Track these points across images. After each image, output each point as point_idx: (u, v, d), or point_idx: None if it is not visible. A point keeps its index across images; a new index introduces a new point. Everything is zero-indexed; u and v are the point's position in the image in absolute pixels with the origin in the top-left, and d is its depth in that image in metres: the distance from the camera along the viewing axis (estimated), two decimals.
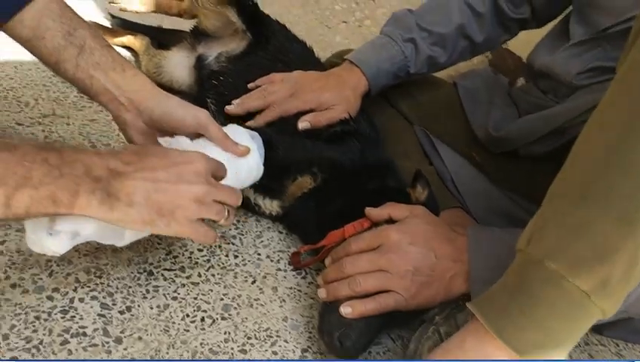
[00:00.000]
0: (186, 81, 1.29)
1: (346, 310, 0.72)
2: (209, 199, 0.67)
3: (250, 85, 1.03)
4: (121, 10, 1.39)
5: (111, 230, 0.68)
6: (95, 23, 1.41)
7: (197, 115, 0.79)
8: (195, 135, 0.80)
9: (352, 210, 0.85)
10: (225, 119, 1.00)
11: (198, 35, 1.32)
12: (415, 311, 0.74)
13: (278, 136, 0.93)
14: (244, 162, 0.82)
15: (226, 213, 0.70)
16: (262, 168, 0.85)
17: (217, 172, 0.72)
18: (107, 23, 1.46)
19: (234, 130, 0.85)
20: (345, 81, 1.03)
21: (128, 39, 1.42)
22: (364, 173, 0.93)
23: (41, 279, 0.75)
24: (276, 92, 0.98)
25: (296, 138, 0.95)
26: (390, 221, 0.81)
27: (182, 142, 0.76)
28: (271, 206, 0.96)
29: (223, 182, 0.76)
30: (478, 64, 1.59)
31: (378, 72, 1.06)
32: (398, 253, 0.74)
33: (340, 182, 0.91)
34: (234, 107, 0.99)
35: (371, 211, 0.82)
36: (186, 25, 1.38)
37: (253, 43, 1.22)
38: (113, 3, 1.35)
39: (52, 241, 0.64)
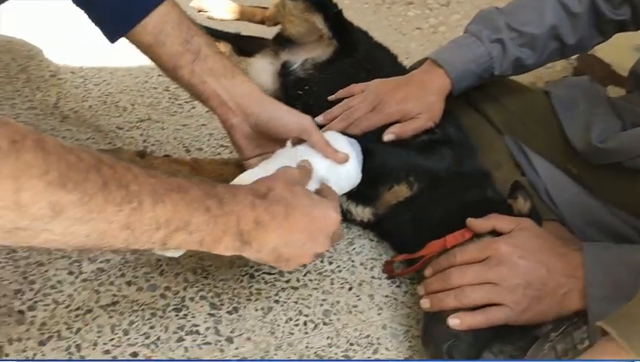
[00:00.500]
0: (270, 87, 1.31)
1: (454, 322, 0.71)
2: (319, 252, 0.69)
3: (330, 98, 1.03)
4: (208, 18, 1.43)
5: None
6: None
7: (301, 122, 0.81)
8: (297, 140, 0.82)
9: (450, 221, 0.84)
10: None
11: (282, 42, 1.34)
12: (525, 326, 0.73)
13: (373, 145, 0.94)
14: (344, 169, 0.83)
15: None
16: (360, 175, 0.86)
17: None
18: None
19: (334, 137, 0.86)
20: (428, 85, 1.02)
21: None
22: (461, 182, 0.92)
23: (153, 277, 0.78)
24: (358, 109, 0.98)
25: (390, 146, 0.95)
26: (494, 233, 0.80)
27: (301, 151, 0.78)
28: (362, 213, 0.96)
29: None
30: (562, 70, 1.54)
31: (463, 74, 1.04)
32: (508, 266, 0.72)
33: (436, 192, 0.90)
34: (320, 120, 1.00)
35: (474, 222, 0.81)
36: (264, 32, 1.40)
37: (340, 50, 1.24)
38: (202, 12, 1.39)
39: None
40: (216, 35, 1.50)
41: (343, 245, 0.95)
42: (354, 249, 0.95)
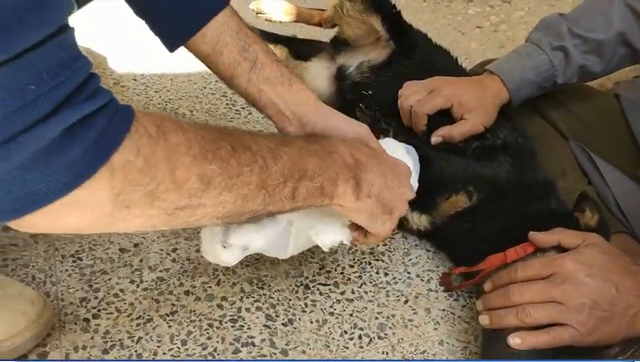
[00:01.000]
0: (327, 91, 1.30)
1: (515, 341, 0.69)
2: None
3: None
4: (266, 20, 1.44)
5: (276, 243, 0.70)
6: None
7: (358, 131, 0.80)
8: None
9: (511, 234, 0.81)
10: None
11: (338, 46, 1.33)
12: (591, 347, 0.69)
13: (433, 151, 0.92)
14: None
15: None
16: (416, 184, 0.84)
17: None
18: None
19: (391, 145, 0.84)
20: (486, 87, 0.99)
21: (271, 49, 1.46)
22: (523, 193, 0.89)
23: (210, 287, 0.79)
24: (415, 93, 0.97)
25: (448, 154, 0.93)
26: (559, 248, 0.76)
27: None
28: (419, 221, 0.95)
29: None
30: (633, 70, 1.46)
31: (522, 83, 1.00)
32: (575, 285, 0.69)
33: (497, 203, 0.87)
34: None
35: (537, 236, 0.78)
36: (319, 36, 1.40)
37: (397, 52, 1.22)
38: (260, 14, 1.40)
39: (226, 253, 0.67)
40: (273, 38, 1.51)
41: (399, 255, 0.94)
42: (410, 260, 0.93)
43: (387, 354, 0.76)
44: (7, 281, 0.72)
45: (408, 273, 0.91)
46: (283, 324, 0.76)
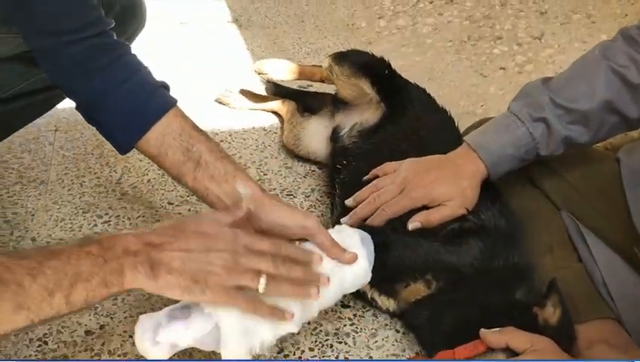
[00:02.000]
0: (322, 152, 1.31)
1: None
2: (240, 266, 0.67)
3: (364, 178, 1.00)
4: (268, 81, 1.47)
5: (208, 339, 0.71)
6: (247, 91, 1.51)
7: (304, 224, 0.80)
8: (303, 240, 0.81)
9: (468, 326, 0.77)
10: (344, 209, 0.99)
11: (338, 103, 1.33)
12: None
13: (391, 235, 0.89)
14: (350, 269, 0.80)
15: (262, 280, 0.68)
16: (369, 275, 0.82)
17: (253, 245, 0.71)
18: (258, 89, 1.55)
19: (344, 233, 0.83)
20: (460, 170, 0.94)
21: (277, 105, 1.49)
22: (488, 281, 0.84)
23: None
24: (386, 192, 0.94)
25: (410, 238, 0.90)
26: (508, 350, 0.72)
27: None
28: (387, 303, 0.92)
29: (326, 289, 0.75)
30: None
31: (500, 159, 0.95)
32: None
33: (457, 292, 0.83)
34: (350, 203, 0.98)
35: (488, 335, 0.74)
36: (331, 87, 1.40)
37: (387, 115, 1.20)
38: (261, 74, 1.43)
39: (155, 350, 0.70)
40: (281, 92, 1.54)
41: (365, 336, 0.92)
42: (375, 342, 0.91)
43: None
44: None
45: (371, 356, 0.88)
46: None
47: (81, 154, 1.29)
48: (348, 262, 0.79)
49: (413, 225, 0.91)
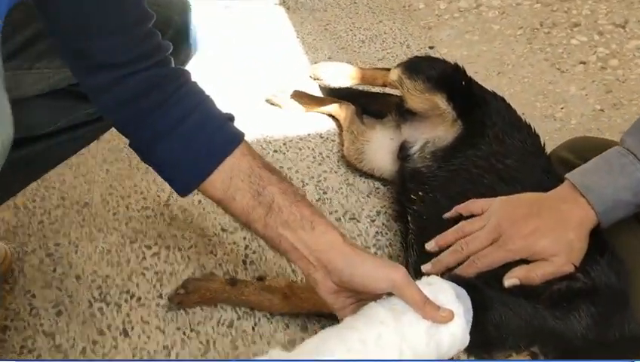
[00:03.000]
0: (388, 168, 1.19)
1: None
2: None
3: (446, 216, 0.88)
4: (324, 86, 1.34)
5: None
6: (302, 93, 1.38)
7: (391, 278, 0.68)
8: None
9: None
10: (421, 251, 0.87)
11: (403, 112, 1.19)
12: None
13: (492, 293, 0.77)
14: (447, 330, 0.68)
15: None
16: (468, 337, 0.70)
17: None
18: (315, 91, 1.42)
19: (436, 287, 0.71)
20: (566, 218, 0.80)
21: (334, 109, 1.36)
22: (603, 354, 0.72)
23: None
24: (475, 239, 0.82)
25: (509, 297, 0.77)
26: None
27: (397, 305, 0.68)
28: None
29: (419, 356, 0.65)
30: None
31: (614, 205, 0.80)
32: None
33: None
34: (432, 247, 0.86)
35: None
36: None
37: (464, 134, 1.06)
38: (317, 80, 1.29)
39: None
40: (339, 94, 1.40)
41: None
42: None
43: None
44: None
45: None
46: None
47: (125, 169, 1.19)
48: (444, 321, 0.67)
49: (510, 281, 0.79)
